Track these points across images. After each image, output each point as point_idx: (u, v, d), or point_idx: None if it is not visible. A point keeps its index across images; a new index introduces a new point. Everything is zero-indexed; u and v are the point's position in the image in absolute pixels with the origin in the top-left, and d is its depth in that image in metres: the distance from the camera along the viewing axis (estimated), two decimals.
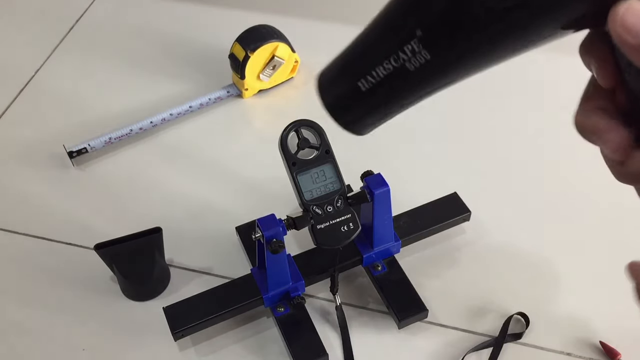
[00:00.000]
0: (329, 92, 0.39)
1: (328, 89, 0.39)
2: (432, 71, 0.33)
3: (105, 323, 0.69)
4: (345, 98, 0.38)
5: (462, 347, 0.67)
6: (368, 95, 0.37)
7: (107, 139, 0.85)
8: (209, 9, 1.09)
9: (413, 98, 0.36)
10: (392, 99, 0.37)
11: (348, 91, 0.37)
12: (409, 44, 0.32)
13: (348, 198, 0.62)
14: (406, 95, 0.36)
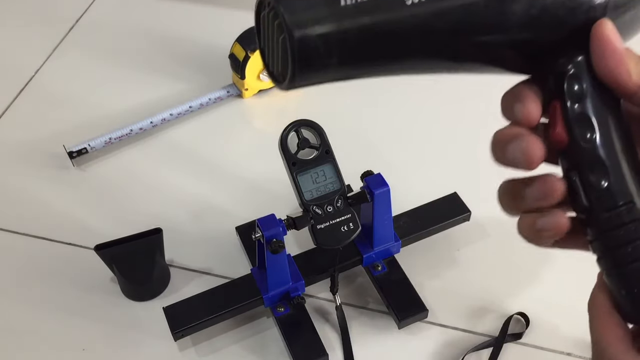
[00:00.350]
0: (293, 2, 0.30)
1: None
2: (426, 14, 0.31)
3: (105, 323, 0.69)
4: (316, 9, 0.30)
5: (462, 347, 0.67)
6: (346, 13, 0.30)
7: (107, 139, 0.85)
8: (209, 9, 1.09)
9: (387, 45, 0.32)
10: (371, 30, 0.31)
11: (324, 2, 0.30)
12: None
13: (348, 198, 0.62)
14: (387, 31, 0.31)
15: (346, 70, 0.33)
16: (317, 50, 0.30)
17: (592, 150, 0.33)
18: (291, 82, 0.32)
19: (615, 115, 0.33)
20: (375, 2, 0.31)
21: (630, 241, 0.33)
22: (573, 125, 0.33)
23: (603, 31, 0.31)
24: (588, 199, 0.33)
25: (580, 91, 0.33)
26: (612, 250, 0.33)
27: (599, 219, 0.33)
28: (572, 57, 0.33)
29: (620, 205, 0.33)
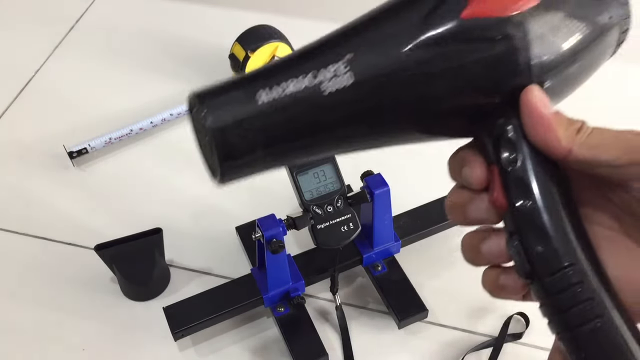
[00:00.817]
0: (215, 104, 0.31)
1: (214, 99, 0.32)
2: (347, 100, 0.31)
3: (105, 323, 0.69)
4: (237, 108, 0.31)
5: (462, 347, 0.67)
6: (266, 110, 0.31)
7: (107, 139, 0.85)
8: (209, 9, 1.09)
9: (312, 135, 0.32)
10: (292, 123, 0.32)
11: (243, 99, 0.31)
12: (336, 63, 0.31)
13: (348, 198, 0.62)
14: (309, 123, 0.32)
15: (275, 161, 0.33)
16: (240, 147, 0.31)
17: (531, 215, 0.33)
18: (222, 179, 0.33)
19: (553, 176, 0.33)
20: (292, 97, 0.31)
21: (575, 304, 0.32)
22: (511, 191, 0.33)
23: (529, 99, 0.32)
24: (530, 263, 0.33)
25: (515, 155, 0.33)
26: (558, 314, 0.33)
27: (543, 283, 0.33)
28: (508, 120, 0.33)
29: (562, 268, 0.32)
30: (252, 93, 0.31)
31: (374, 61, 0.31)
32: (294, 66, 0.32)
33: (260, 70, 0.33)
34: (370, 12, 0.33)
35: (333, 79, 0.31)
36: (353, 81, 0.31)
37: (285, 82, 0.31)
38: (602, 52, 0.35)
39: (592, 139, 0.31)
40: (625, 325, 0.32)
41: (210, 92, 0.32)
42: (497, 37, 0.31)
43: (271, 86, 0.31)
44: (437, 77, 0.32)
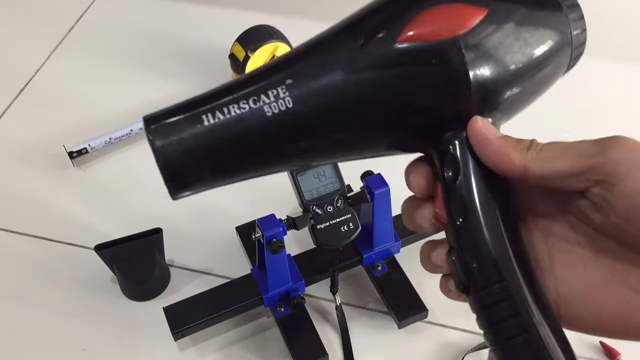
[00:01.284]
0: (161, 127, 0.34)
1: (159, 122, 0.34)
2: (288, 120, 0.33)
3: (105, 323, 0.69)
4: (182, 130, 0.33)
5: (462, 347, 0.67)
6: (210, 131, 0.33)
7: (107, 139, 0.85)
8: (209, 9, 1.09)
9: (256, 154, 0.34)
10: (236, 143, 0.33)
11: (188, 122, 0.33)
12: (276, 88, 0.33)
13: (348, 198, 0.62)
14: (252, 142, 0.33)
15: (223, 179, 0.36)
16: (186, 167, 0.34)
17: (467, 233, 0.34)
18: (173, 195, 0.36)
19: (494, 194, 0.34)
20: (236, 118, 0.33)
21: (505, 318, 0.33)
22: (451, 207, 0.34)
23: (474, 129, 0.33)
24: (465, 277, 0.34)
25: (457, 173, 0.34)
26: (491, 326, 0.34)
27: (476, 297, 0.34)
28: (451, 138, 0.34)
29: (493, 283, 0.33)
30: (197, 116, 0.33)
31: (312, 86, 0.33)
32: (238, 91, 0.33)
33: (205, 95, 0.34)
34: (313, 39, 0.35)
35: (274, 102, 0.33)
36: (292, 105, 0.33)
37: (230, 106, 0.33)
38: (552, 69, 0.35)
39: (544, 153, 0.32)
40: (555, 342, 0.32)
41: (157, 116, 0.35)
42: (431, 61, 0.32)
43: (215, 110, 0.33)
44: (375, 99, 0.33)
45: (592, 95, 0.94)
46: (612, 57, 0.98)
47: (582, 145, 0.31)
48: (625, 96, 0.94)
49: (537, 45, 0.34)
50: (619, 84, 0.96)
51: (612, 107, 0.92)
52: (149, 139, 0.34)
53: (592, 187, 0.31)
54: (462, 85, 0.32)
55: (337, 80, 0.33)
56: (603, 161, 0.30)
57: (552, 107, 0.90)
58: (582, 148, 0.31)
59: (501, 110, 0.34)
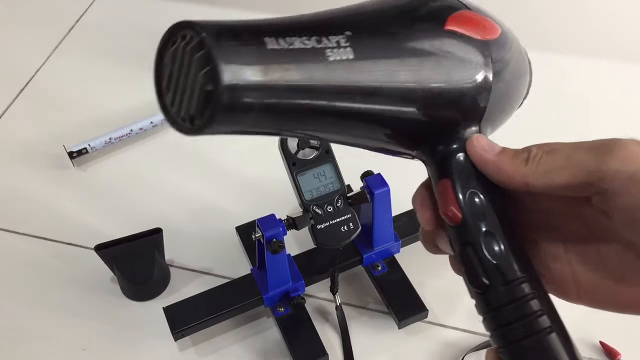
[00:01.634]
0: (223, 42, 0.28)
1: (224, 36, 0.29)
2: (346, 73, 0.32)
3: (105, 323, 0.69)
4: (241, 48, 0.29)
5: (462, 347, 0.67)
6: (271, 55, 0.29)
7: (107, 139, 0.85)
8: (209, 9, 1.09)
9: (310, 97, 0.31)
10: (295, 79, 0.30)
11: (249, 41, 0.29)
12: (337, 36, 0.32)
13: (348, 198, 0.62)
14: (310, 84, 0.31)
15: (265, 123, 0.32)
16: (239, 100, 0.28)
17: (486, 227, 0.34)
18: (206, 127, 0.29)
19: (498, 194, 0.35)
20: (299, 52, 0.31)
21: (518, 319, 0.33)
22: (466, 204, 0.34)
23: (471, 149, 0.34)
24: (484, 273, 0.34)
25: (469, 169, 0.35)
26: (501, 327, 0.34)
27: (493, 295, 0.34)
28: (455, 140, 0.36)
29: (516, 279, 0.33)
30: (259, 37, 0.30)
31: (371, 45, 0.33)
32: (300, 25, 0.32)
33: (267, 21, 0.32)
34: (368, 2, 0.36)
35: (336, 49, 0.31)
36: (353, 57, 0.32)
37: (293, 37, 0.31)
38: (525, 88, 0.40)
39: (543, 165, 0.32)
40: (562, 345, 0.33)
41: (219, 27, 0.29)
42: (470, 53, 0.35)
43: (278, 36, 0.30)
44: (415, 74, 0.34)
45: (592, 95, 0.94)
46: (612, 57, 0.98)
47: (580, 155, 0.31)
48: (624, 96, 0.94)
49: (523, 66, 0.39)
50: (619, 84, 0.96)
51: (611, 107, 0.92)
52: (206, 46, 0.28)
53: (593, 195, 0.31)
54: (485, 88, 0.35)
55: (391, 45, 0.33)
56: (601, 175, 0.30)
57: (552, 106, 0.90)
58: (580, 159, 0.31)
59: (496, 118, 0.37)
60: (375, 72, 0.33)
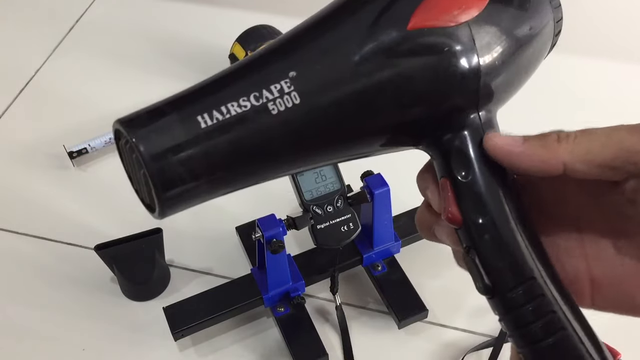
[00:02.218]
0: (147, 131, 0.29)
1: (145, 126, 0.29)
2: (296, 119, 0.30)
3: (105, 323, 0.69)
4: (175, 135, 0.28)
5: (462, 347, 0.67)
6: (208, 135, 0.28)
7: (107, 139, 0.85)
8: (209, 9, 1.09)
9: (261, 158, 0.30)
10: (239, 148, 0.29)
11: (180, 125, 0.28)
12: (279, 83, 0.29)
13: (348, 198, 0.62)
14: (257, 145, 0.30)
15: (221, 189, 0.31)
16: (182, 178, 0.28)
17: (488, 230, 0.32)
18: (162, 213, 0.30)
19: (505, 188, 0.32)
20: (237, 118, 0.29)
21: (535, 319, 0.31)
22: (465, 205, 0.32)
23: (493, 148, 0.32)
24: (490, 279, 0.32)
25: (468, 167, 0.32)
26: (519, 328, 0.32)
27: (503, 299, 0.32)
28: (461, 130, 0.33)
29: (523, 282, 0.31)
30: (192, 118, 0.29)
31: (320, 78, 0.30)
32: (236, 83, 0.30)
33: (198, 89, 0.30)
34: (312, 21, 0.32)
35: (279, 98, 0.29)
36: (300, 100, 0.30)
37: (229, 105, 0.29)
38: (542, 49, 0.35)
39: (580, 145, 0.30)
40: (586, 337, 0.32)
41: (140, 117, 0.30)
42: (443, 48, 0.31)
43: (212, 110, 0.29)
44: (387, 88, 0.31)
45: (592, 95, 0.94)
46: (612, 57, 0.98)
47: (620, 134, 0.29)
48: (624, 96, 0.94)
49: (531, 27, 0.33)
50: (619, 84, 0.96)
51: (611, 107, 0.92)
52: (132, 145, 0.28)
53: (629, 179, 0.30)
54: (473, 73, 0.31)
55: (346, 71, 0.30)
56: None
57: (551, 107, 0.90)
58: (621, 137, 0.29)
59: (500, 98, 0.33)
60: (328, 113, 0.30)
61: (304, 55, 0.31)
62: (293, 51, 0.31)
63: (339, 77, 0.30)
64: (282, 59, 0.30)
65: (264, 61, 0.31)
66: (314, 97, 0.30)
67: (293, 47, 0.31)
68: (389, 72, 0.31)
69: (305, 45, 0.31)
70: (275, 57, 0.31)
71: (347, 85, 0.30)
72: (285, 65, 0.30)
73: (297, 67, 0.30)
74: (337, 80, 0.30)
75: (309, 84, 0.30)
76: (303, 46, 0.31)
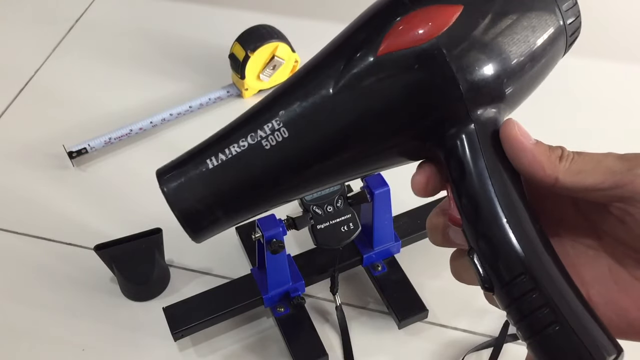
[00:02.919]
0: (171, 178, 0.37)
1: (170, 174, 0.37)
2: (287, 150, 0.35)
3: (105, 323, 0.69)
4: (190, 177, 0.36)
5: (462, 347, 0.67)
6: (215, 173, 0.36)
7: (107, 139, 0.85)
8: (209, 9, 1.09)
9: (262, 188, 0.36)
10: (241, 180, 0.36)
11: (195, 168, 0.36)
12: (270, 122, 0.35)
13: (348, 198, 0.62)
14: (257, 177, 0.36)
15: (236, 217, 0.37)
16: (200, 213, 0.36)
17: (481, 231, 0.34)
18: (196, 240, 0.38)
19: (505, 187, 0.33)
20: (237, 156, 0.35)
21: (532, 311, 0.32)
22: (462, 207, 0.34)
23: (509, 132, 0.33)
24: (487, 275, 0.34)
25: (462, 172, 0.34)
26: (520, 321, 0.33)
27: (502, 293, 0.34)
28: (454, 137, 0.34)
29: (515, 277, 0.33)
30: (202, 162, 0.36)
31: (303, 113, 0.34)
32: (236, 131, 0.36)
33: (209, 140, 0.37)
34: (300, 69, 0.36)
35: (270, 135, 0.34)
36: (288, 134, 0.34)
37: (230, 146, 0.35)
38: (548, 58, 0.35)
39: (575, 165, 0.32)
40: (588, 328, 0.32)
41: (167, 169, 0.37)
42: (413, 66, 0.32)
43: (217, 153, 0.36)
44: (367, 115, 0.34)
45: (591, 95, 0.94)
46: (612, 57, 0.98)
47: (609, 161, 0.32)
48: (624, 96, 0.94)
49: (526, 36, 0.33)
50: (619, 84, 0.96)
51: (611, 107, 0.92)
52: (163, 192, 0.36)
53: (616, 202, 0.32)
54: (450, 85, 0.32)
55: (325, 103, 0.34)
56: (631, 179, 0.31)
57: (552, 106, 0.90)
58: (610, 164, 0.32)
59: (500, 101, 0.34)
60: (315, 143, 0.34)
61: (290, 95, 0.35)
62: (282, 95, 0.36)
63: (319, 108, 0.34)
64: (272, 103, 0.36)
65: (257, 111, 0.36)
66: (299, 129, 0.34)
67: (282, 92, 0.36)
68: (367, 97, 0.33)
69: (291, 87, 0.36)
70: (267, 103, 0.36)
71: (327, 114, 0.34)
72: (275, 107, 0.35)
73: (284, 106, 0.35)
74: (318, 111, 0.34)
75: (294, 117, 0.34)
76: (289, 89, 0.36)
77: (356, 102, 0.33)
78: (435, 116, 0.34)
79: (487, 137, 0.34)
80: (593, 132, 0.88)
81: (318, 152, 0.35)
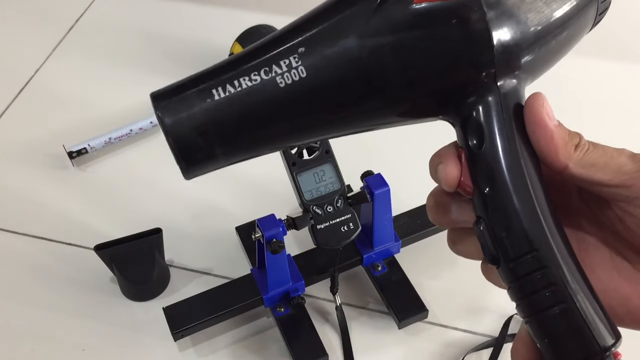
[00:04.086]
0: (169, 104, 0.32)
1: (168, 99, 0.32)
2: (303, 92, 0.32)
3: (105, 323, 0.69)
4: (192, 106, 0.32)
5: (462, 347, 0.67)
6: (220, 106, 0.32)
7: (107, 139, 0.85)
8: (209, 9, 1.09)
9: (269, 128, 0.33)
10: (248, 117, 0.32)
11: (198, 97, 0.32)
12: (288, 58, 0.32)
13: (348, 198, 0.62)
14: (265, 116, 0.32)
15: (234, 155, 0.34)
16: (196, 144, 0.32)
17: (494, 201, 0.32)
18: (186, 175, 0.34)
19: (522, 160, 0.33)
20: (248, 91, 0.32)
21: (539, 289, 0.32)
22: (477, 175, 0.33)
23: (535, 107, 0.32)
24: (495, 248, 0.33)
25: (482, 139, 0.33)
26: (523, 298, 0.33)
27: (507, 268, 0.33)
28: (476, 101, 0.33)
29: (524, 254, 0.32)
30: (206, 91, 0.32)
31: (326, 54, 0.32)
32: (248, 62, 0.32)
33: (215, 68, 0.33)
34: (324, 3, 0.33)
35: (286, 72, 0.32)
36: (305, 74, 0.32)
37: (241, 78, 0.32)
38: (577, 26, 0.34)
39: (588, 157, 0.32)
40: (592, 311, 0.32)
41: (164, 93, 0.33)
42: (451, 21, 0.31)
43: (225, 84, 0.32)
44: (393, 65, 0.32)
45: (591, 95, 0.94)
46: (612, 57, 0.98)
47: (622, 159, 0.32)
48: (624, 96, 0.94)
49: (561, 3, 0.33)
50: (619, 84, 0.96)
51: (611, 107, 0.92)
52: (158, 117, 0.32)
53: (620, 201, 0.32)
54: (485, 46, 0.31)
55: (352, 47, 0.31)
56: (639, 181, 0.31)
57: (552, 106, 0.90)
58: (622, 162, 0.31)
59: (526, 70, 0.33)
60: (333, 88, 0.32)
61: (313, 33, 0.32)
62: (303, 31, 0.33)
63: (345, 52, 0.32)
64: (291, 39, 0.33)
65: (274, 42, 0.33)
66: (320, 70, 0.32)
67: (303, 28, 0.33)
68: (396, 47, 0.31)
69: (315, 26, 0.33)
70: (285, 37, 0.33)
71: (352, 59, 0.32)
72: (295, 43, 0.32)
73: (305, 44, 0.32)
74: (343, 55, 0.32)
75: (316, 58, 0.32)
76: (312, 26, 0.33)
77: (383, 52, 0.31)
78: (460, 79, 0.32)
79: (509, 106, 0.33)
80: (593, 132, 0.88)
81: (336, 99, 0.32)
